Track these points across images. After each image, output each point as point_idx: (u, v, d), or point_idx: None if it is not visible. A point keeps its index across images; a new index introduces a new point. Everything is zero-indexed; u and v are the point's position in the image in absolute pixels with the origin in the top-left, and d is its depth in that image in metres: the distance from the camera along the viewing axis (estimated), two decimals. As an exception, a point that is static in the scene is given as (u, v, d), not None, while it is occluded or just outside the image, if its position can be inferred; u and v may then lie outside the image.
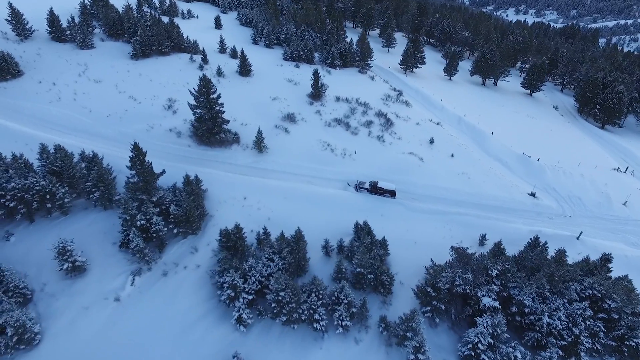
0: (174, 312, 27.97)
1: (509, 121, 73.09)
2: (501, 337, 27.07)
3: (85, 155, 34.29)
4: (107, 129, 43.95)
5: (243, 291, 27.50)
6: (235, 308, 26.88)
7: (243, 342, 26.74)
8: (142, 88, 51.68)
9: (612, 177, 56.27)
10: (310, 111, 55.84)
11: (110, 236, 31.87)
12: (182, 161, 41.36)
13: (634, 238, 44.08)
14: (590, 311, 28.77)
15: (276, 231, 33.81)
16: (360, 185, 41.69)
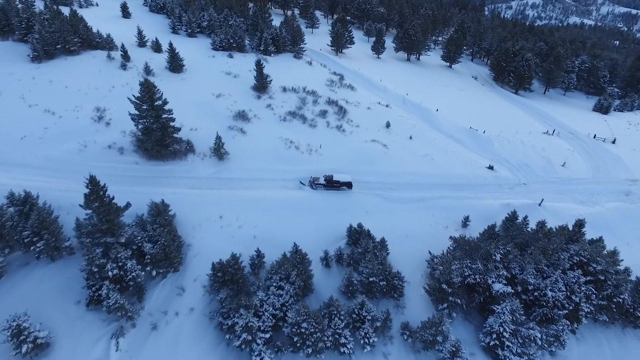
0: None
1: (445, 96, 75.74)
2: (519, 320, 27.45)
3: (14, 197, 26.80)
4: (26, 154, 35.37)
5: (259, 330, 23.99)
6: (255, 352, 23.34)
7: (269, 386, 23.52)
8: (59, 98, 42.60)
9: (546, 141, 61.33)
10: (260, 106, 51.44)
11: (71, 294, 25.68)
12: (134, 183, 35.09)
13: (580, 196, 48.45)
14: (583, 278, 30.50)
15: (268, 250, 30.40)
16: (316, 182, 39.02)
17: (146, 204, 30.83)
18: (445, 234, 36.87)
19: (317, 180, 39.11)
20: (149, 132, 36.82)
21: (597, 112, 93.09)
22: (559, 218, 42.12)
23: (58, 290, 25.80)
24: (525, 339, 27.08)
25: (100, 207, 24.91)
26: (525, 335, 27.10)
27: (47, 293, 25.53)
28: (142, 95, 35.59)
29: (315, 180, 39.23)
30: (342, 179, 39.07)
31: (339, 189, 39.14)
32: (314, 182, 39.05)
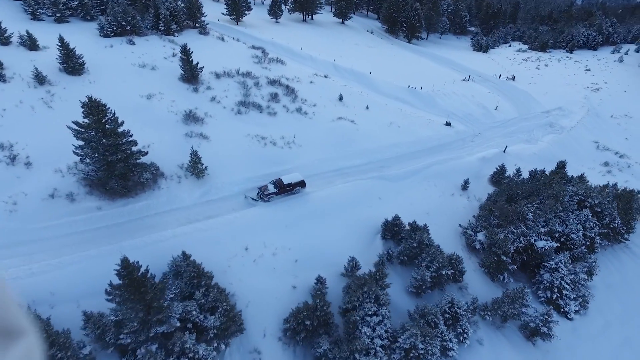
0: None
1: (362, 55, 75.15)
2: (571, 270, 29.62)
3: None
4: None
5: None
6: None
7: None
8: None
9: (469, 88, 66.00)
10: (203, 101, 43.42)
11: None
12: (110, 237, 26.58)
13: (523, 135, 53.90)
14: (590, 214, 34.14)
15: (314, 272, 26.58)
16: (266, 192, 31.80)
17: (150, 263, 23.78)
18: (454, 201, 37.36)
19: (266, 190, 31.96)
20: (109, 166, 27.81)
21: (478, 51, 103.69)
22: (523, 160, 46.30)
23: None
24: (576, 284, 29.43)
25: (142, 294, 17.85)
26: (575, 280, 29.43)
27: None
28: (89, 119, 26.29)
29: (264, 190, 31.98)
30: (294, 179, 33.15)
31: (293, 192, 33.25)
32: (263, 193, 31.76)
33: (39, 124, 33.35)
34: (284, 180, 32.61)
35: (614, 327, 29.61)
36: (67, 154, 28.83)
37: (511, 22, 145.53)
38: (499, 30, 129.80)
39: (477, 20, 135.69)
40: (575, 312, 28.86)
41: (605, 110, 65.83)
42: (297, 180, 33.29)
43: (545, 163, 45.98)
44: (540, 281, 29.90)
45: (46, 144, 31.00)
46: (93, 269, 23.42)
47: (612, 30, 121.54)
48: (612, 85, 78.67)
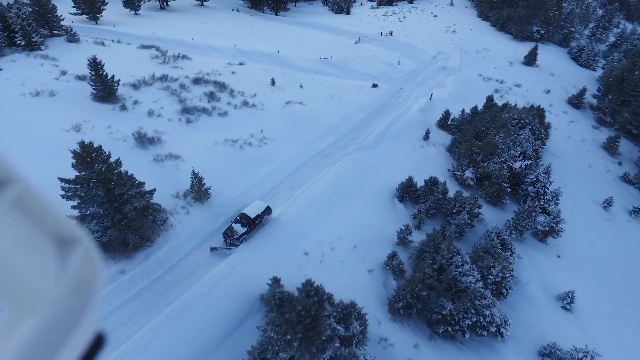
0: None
1: (253, 36, 72.33)
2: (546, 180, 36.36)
3: None
4: None
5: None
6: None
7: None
8: None
9: (366, 49, 70.18)
10: (141, 118, 37.52)
11: None
12: (159, 300, 22.58)
13: (432, 82, 60.72)
14: (529, 132, 41.63)
15: (380, 247, 27.48)
16: (235, 236, 26.08)
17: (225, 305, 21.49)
18: (426, 152, 41.14)
19: (234, 233, 26.10)
20: (123, 220, 22.85)
21: (340, 13, 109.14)
22: (446, 102, 52.61)
23: None
24: (546, 186, 36.39)
25: (317, 330, 16.22)
26: (551, 191, 36.37)
27: None
28: (84, 171, 21.01)
29: (231, 234, 26.13)
30: (259, 209, 27.85)
31: (262, 225, 28.07)
32: (232, 237, 25.99)
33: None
34: (250, 214, 27.02)
35: (580, 196, 37.98)
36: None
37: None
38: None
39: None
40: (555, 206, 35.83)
41: (469, 47, 77.93)
42: (263, 208, 27.99)
43: (460, 101, 53.49)
44: (525, 195, 36.04)
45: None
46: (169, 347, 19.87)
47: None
48: (460, 26, 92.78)
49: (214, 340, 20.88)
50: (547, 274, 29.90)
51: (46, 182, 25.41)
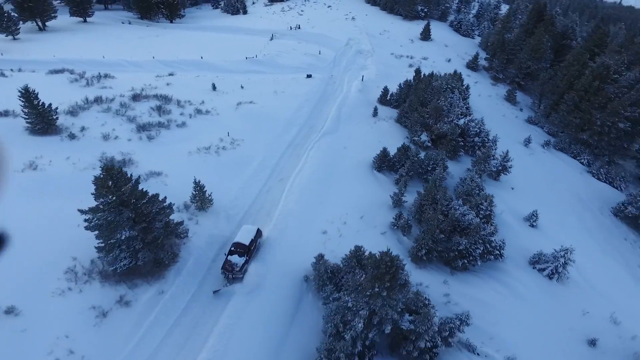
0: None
1: (163, 45, 69.30)
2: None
3: None
4: None
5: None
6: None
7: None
8: None
9: (284, 45, 72.12)
10: (98, 145, 34.98)
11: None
12: (207, 314, 22.63)
13: (354, 65, 65.17)
14: (458, 94, 47.94)
15: (380, 212, 30.57)
16: (236, 269, 23.69)
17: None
18: (381, 126, 45.13)
19: (234, 266, 23.76)
20: (156, 242, 22.17)
21: (237, 14, 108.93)
22: (375, 81, 57.51)
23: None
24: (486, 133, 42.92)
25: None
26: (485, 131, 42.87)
27: None
28: (110, 198, 20.16)
29: (231, 267, 23.73)
30: (251, 233, 25.77)
31: (257, 249, 26.22)
32: (233, 270, 23.66)
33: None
34: (244, 241, 24.85)
35: (506, 139, 45.24)
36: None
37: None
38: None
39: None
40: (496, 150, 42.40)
41: (372, 31, 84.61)
42: (254, 232, 25.97)
43: (386, 78, 58.97)
44: (473, 145, 42.05)
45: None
46: (245, 347, 20.48)
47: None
48: (356, 13, 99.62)
49: (281, 329, 21.80)
50: (510, 203, 35.91)
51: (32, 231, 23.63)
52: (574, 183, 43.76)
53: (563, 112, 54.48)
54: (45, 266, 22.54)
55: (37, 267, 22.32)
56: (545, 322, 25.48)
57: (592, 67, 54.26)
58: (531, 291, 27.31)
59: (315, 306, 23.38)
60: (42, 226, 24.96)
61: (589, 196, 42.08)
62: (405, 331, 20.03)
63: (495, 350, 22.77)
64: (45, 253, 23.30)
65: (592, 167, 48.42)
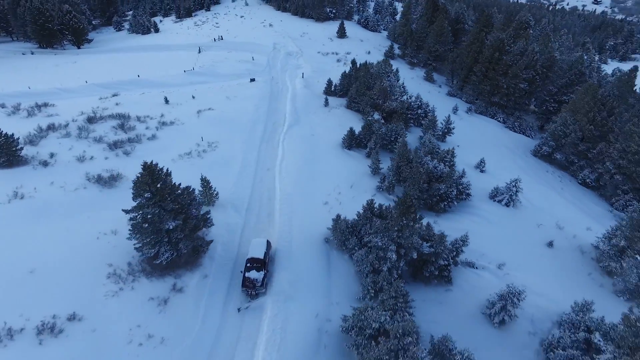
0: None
1: (85, 71, 66.42)
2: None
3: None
4: None
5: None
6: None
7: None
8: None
9: (216, 55, 73.60)
10: (75, 168, 34.42)
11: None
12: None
13: (289, 66, 69.13)
14: (392, 77, 54.40)
15: (363, 180, 35.07)
16: (257, 284, 23.34)
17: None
18: (334, 113, 49.77)
19: (254, 282, 23.35)
20: (196, 228, 23.85)
21: (147, 34, 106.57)
22: (313, 77, 62.19)
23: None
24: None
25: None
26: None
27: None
28: (151, 195, 21.77)
29: (252, 283, 23.31)
30: (262, 246, 25.60)
31: (271, 261, 25.90)
32: (255, 286, 23.28)
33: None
34: (259, 256, 24.63)
35: (438, 109, 52.68)
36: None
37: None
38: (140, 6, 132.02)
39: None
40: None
41: (293, 34, 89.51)
42: (265, 245, 25.86)
43: (322, 73, 63.97)
44: (417, 116, 48.52)
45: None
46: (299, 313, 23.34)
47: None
48: (271, 20, 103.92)
49: (324, 280, 24.96)
50: (460, 157, 42.29)
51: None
52: (500, 137, 52.70)
53: (474, 82, 64.31)
54: (85, 277, 22.99)
55: (76, 280, 22.70)
56: (514, 236, 31.92)
57: (488, 42, 64.87)
58: (497, 217, 33.74)
59: (341, 259, 26.85)
60: (60, 245, 25.04)
61: (513, 144, 51.13)
62: (427, 255, 24.49)
63: (488, 262, 28.36)
64: (78, 266, 23.65)
65: (507, 123, 58.31)
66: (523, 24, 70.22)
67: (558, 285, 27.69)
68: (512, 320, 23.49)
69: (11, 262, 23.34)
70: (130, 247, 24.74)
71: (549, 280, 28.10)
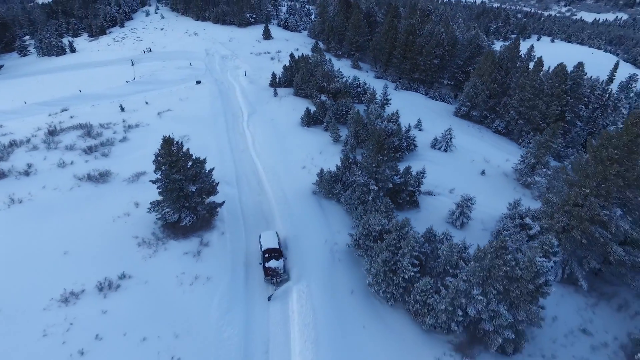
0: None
1: (15, 94, 64.22)
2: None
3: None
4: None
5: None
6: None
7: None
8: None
9: (148, 66, 74.53)
10: (59, 172, 35.75)
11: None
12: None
13: (228, 67, 72.73)
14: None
15: (325, 151, 41.03)
16: (279, 272, 24.51)
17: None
18: (288, 101, 54.96)
19: (277, 269, 24.38)
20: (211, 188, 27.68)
21: (63, 55, 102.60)
22: (255, 74, 66.85)
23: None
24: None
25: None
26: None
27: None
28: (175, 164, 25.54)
29: (275, 272, 24.37)
30: (273, 237, 27.23)
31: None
32: (278, 274, 24.47)
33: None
34: (275, 245, 26.13)
35: (381, 91, 60.51)
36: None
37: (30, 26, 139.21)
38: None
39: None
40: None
41: (221, 40, 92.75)
42: (276, 235, 27.53)
43: (259, 70, 68.88)
44: (358, 93, 55.48)
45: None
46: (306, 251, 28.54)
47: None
48: (195, 29, 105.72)
49: (321, 218, 30.22)
50: (401, 120, 50.32)
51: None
52: (426, 104, 61.92)
53: (396, 64, 73.61)
54: (117, 249, 25.82)
55: (109, 253, 25.45)
56: (455, 170, 39.87)
57: (401, 29, 74.62)
58: (440, 159, 41.58)
59: (331, 204, 32.34)
60: (81, 231, 27.34)
61: (438, 109, 60.56)
62: (398, 185, 30.93)
63: (442, 190, 35.72)
64: (106, 243, 26.34)
65: (429, 94, 68.13)
66: (426, 12, 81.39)
67: (494, 199, 35.77)
68: (468, 221, 30.85)
69: (42, 249, 25.35)
70: (149, 222, 28.15)
71: (487, 196, 36.09)
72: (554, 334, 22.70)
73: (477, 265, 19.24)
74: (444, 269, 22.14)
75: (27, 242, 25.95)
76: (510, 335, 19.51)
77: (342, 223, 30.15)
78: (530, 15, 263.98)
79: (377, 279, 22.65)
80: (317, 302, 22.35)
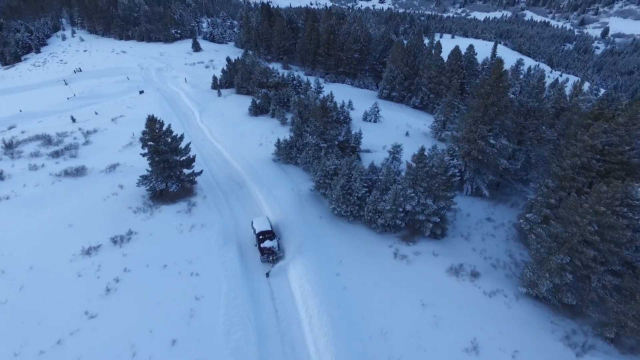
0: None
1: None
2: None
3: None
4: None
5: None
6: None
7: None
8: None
9: (85, 84, 75.58)
10: (34, 174, 38.33)
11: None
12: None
13: (167, 78, 76.28)
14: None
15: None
16: (274, 250, 26.46)
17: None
18: (232, 98, 60.57)
19: (272, 248, 26.37)
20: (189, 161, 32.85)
21: None
22: (196, 80, 71.46)
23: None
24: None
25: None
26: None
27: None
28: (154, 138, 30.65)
29: (272, 251, 26.34)
30: (265, 221, 29.03)
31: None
32: (274, 253, 26.38)
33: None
34: (268, 228, 28.01)
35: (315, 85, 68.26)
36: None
37: None
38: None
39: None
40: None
41: (151, 55, 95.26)
42: (267, 219, 29.40)
43: (197, 77, 73.62)
44: (294, 86, 62.66)
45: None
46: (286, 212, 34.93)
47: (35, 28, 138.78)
48: (120, 48, 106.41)
49: (287, 177, 36.60)
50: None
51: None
52: (354, 91, 71.05)
53: (322, 61, 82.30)
54: (115, 218, 29.97)
55: (108, 221, 29.52)
56: (385, 134, 48.45)
57: (322, 30, 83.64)
58: (372, 127, 50.00)
59: (290, 166, 38.91)
60: (78, 211, 30.93)
61: (364, 94, 69.90)
62: (342, 142, 38.38)
63: (376, 148, 43.87)
64: (104, 215, 30.38)
65: (354, 84, 77.49)
66: (341, 14, 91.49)
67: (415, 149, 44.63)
68: (400, 165, 39.07)
69: (47, 226, 28.79)
70: (137, 196, 32.73)
71: (411, 148, 43.85)
72: (469, 223, 31.32)
73: (408, 172, 27.05)
74: (385, 185, 29.75)
75: (28, 224, 29.12)
76: (436, 219, 27.49)
77: (302, 178, 36.81)
78: (432, 17, 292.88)
79: (337, 202, 29.64)
80: (294, 224, 28.83)
